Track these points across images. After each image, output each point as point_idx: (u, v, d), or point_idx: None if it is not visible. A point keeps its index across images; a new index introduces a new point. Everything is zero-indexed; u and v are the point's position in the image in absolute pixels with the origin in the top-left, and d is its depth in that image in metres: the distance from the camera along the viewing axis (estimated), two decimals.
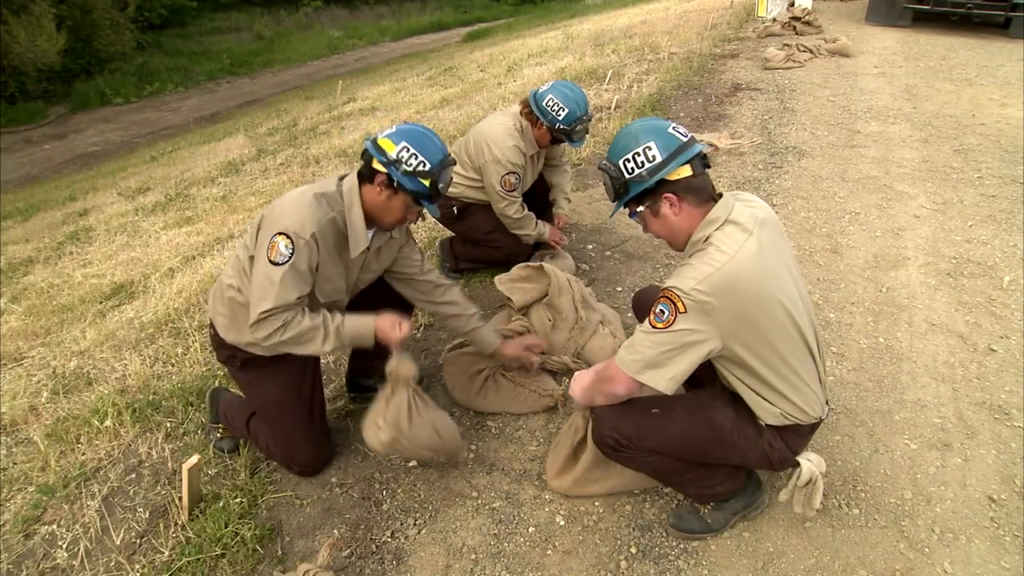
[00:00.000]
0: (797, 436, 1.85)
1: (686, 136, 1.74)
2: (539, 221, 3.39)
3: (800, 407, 1.78)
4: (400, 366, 2.11)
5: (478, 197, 3.30)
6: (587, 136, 3.17)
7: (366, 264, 2.22)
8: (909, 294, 3.29)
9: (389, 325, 2.11)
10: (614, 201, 1.83)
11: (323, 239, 1.99)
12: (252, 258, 2.06)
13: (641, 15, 15.18)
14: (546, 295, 2.84)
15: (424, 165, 1.98)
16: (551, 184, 3.61)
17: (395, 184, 1.99)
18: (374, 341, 2.11)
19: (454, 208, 3.34)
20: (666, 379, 1.67)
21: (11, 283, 4.96)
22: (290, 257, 1.93)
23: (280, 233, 1.94)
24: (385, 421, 2.09)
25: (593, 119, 3.02)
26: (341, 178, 2.11)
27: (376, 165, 1.99)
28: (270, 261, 1.94)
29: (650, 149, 1.71)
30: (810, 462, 1.84)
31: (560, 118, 3.00)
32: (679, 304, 1.61)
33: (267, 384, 2.22)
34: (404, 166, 1.97)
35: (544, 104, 3.02)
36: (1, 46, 14.78)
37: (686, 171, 1.70)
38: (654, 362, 1.67)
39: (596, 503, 2.19)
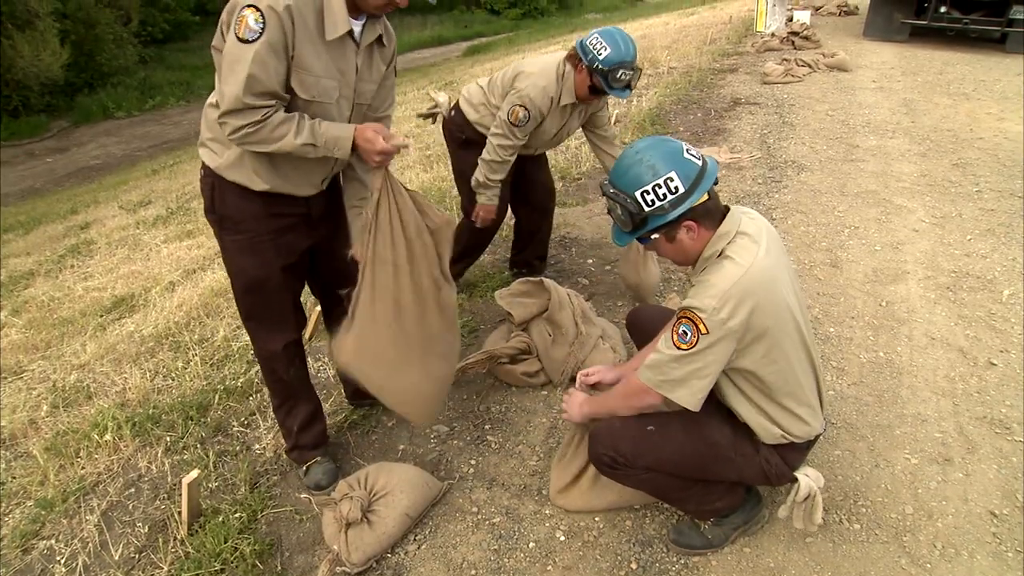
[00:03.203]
0: (794, 452, 1.86)
1: (700, 159, 1.68)
2: (498, 198, 3.10)
3: (802, 422, 1.79)
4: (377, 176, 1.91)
5: (483, 120, 3.05)
6: (629, 92, 2.86)
7: (360, 72, 1.94)
8: (909, 308, 3.30)
9: (372, 133, 1.83)
10: (628, 232, 1.75)
11: (300, 15, 1.71)
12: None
13: (641, 30, 15.29)
14: (546, 310, 2.84)
15: None
16: (601, 161, 3.34)
17: None
18: (351, 150, 1.85)
19: (464, 135, 3.13)
20: (697, 398, 1.71)
21: (12, 296, 4.96)
22: (261, 32, 1.65)
23: (248, 6, 1.65)
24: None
25: (637, 77, 2.78)
26: None
27: None
28: (239, 39, 1.66)
29: (672, 180, 1.63)
30: (808, 477, 1.84)
31: (601, 57, 2.70)
32: (700, 326, 1.61)
33: (246, 257, 2.01)
34: None
35: (588, 42, 2.76)
36: (5, 61, 14.87)
37: (704, 196, 1.66)
38: (683, 381, 1.69)
39: (596, 518, 2.18)
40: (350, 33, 1.84)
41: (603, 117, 3.23)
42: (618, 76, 2.72)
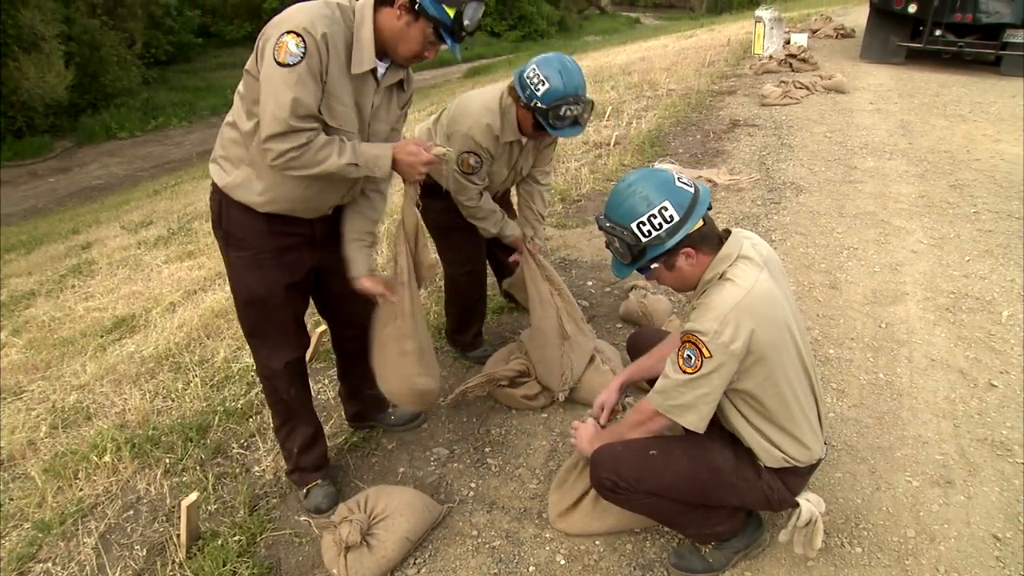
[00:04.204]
0: (796, 477, 1.86)
1: (691, 186, 1.72)
2: (510, 221, 2.85)
3: (803, 446, 1.79)
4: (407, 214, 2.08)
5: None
6: (579, 129, 2.51)
7: (376, 110, 1.99)
8: (908, 329, 3.30)
9: (414, 147, 1.94)
10: (628, 264, 1.78)
11: (334, 46, 1.77)
12: (255, 79, 1.80)
13: (640, 52, 15.44)
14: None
15: None
16: (518, 207, 3.08)
17: (416, 7, 1.79)
18: (390, 169, 1.94)
19: (425, 182, 2.63)
20: (704, 421, 1.74)
21: (12, 316, 4.96)
22: (302, 57, 1.70)
23: (288, 32, 1.71)
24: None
25: (588, 110, 2.47)
26: None
27: None
28: (279, 63, 1.70)
29: (666, 209, 1.66)
30: (809, 502, 1.84)
31: (539, 94, 2.37)
32: (704, 349, 1.63)
33: (250, 273, 2.04)
34: None
35: (525, 76, 2.42)
36: (11, 82, 15.03)
37: (700, 222, 1.70)
38: (691, 406, 1.72)
39: (597, 542, 2.17)
40: (373, 72, 1.90)
41: (548, 154, 2.96)
42: (561, 114, 2.38)
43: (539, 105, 2.39)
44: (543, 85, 2.37)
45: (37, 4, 15.59)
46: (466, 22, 1.84)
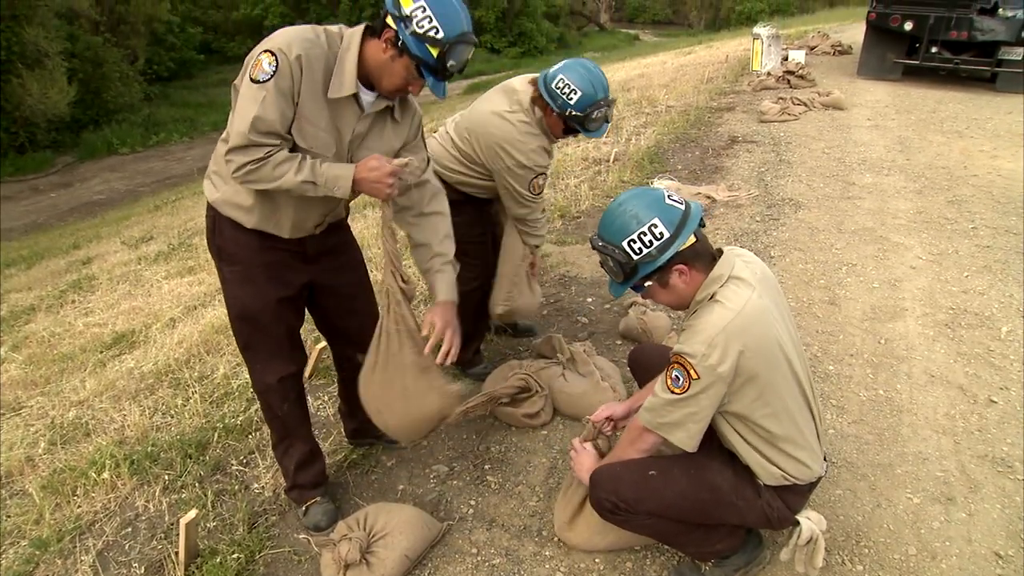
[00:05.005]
0: (796, 495, 1.85)
1: (682, 203, 1.73)
2: None
3: (802, 464, 1.79)
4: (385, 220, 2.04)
5: (467, 181, 2.83)
6: (607, 126, 2.69)
7: (362, 137, 1.98)
8: (908, 345, 3.30)
9: (375, 162, 1.87)
10: (620, 283, 1.79)
11: (309, 68, 1.79)
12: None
13: (639, 69, 15.54)
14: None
15: (436, 32, 1.75)
16: None
17: (400, 44, 1.79)
18: (350, 189, 1.86)
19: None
20: (694, 440, 1.74)
21: (12, 331, 4.96)
22: (272, 75, 1.74)
23: (265, 51, 1.76)
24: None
25: (612, 106, 2.61)
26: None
27: (389, 20, 1.80)
28: (251, 79, 1.76)
29: (656, 226, 1.67)
30: (810, 520, 1.84)
31: (572, 102, 2.52)
32: (691, 371, 1.64)
33: (242, 288, 2.06)
34: (414, 26, 1.75)
35: (554, 86, 2.55)
36: (14, 98, 15.14)
37: (691, 239, 1.71)
38: (679, 424, 1.73)
39: (597, 559, 2.16)
40: (356, 98, 1.90)
41: None
42: (594, 117, 2.56)
43: (574, 113, 2.54)
44: (575, 94, 2.51)
45: (41, 21, 15.74)
46: (450, 63, 1.81)
